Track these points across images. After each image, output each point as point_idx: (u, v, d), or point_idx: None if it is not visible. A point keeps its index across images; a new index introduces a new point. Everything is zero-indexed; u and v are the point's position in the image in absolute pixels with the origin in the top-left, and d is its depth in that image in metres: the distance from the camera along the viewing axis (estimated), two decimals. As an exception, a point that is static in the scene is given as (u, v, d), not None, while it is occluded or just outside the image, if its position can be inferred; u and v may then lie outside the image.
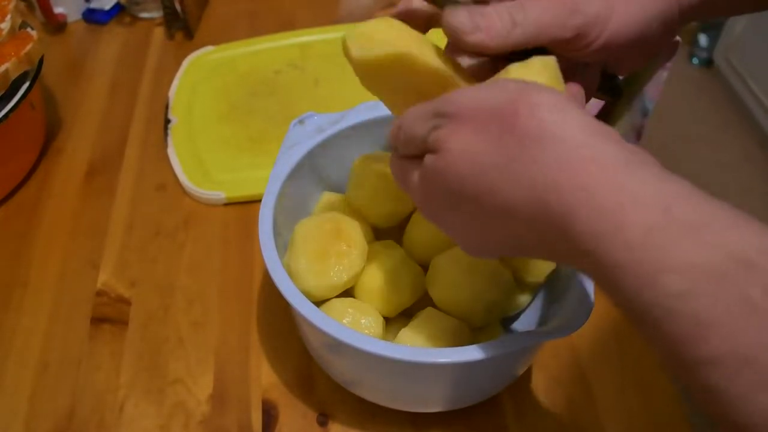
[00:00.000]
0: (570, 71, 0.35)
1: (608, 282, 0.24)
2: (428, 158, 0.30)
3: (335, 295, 0.43)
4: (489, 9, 0.32)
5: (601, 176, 0.24)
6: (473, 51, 0.33)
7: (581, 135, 0.25)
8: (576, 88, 0.35)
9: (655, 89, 0.83)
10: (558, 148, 0.25)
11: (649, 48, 0.36)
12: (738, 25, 1.77)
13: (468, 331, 0.42)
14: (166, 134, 0.66)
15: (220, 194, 0.59)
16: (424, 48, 0.34)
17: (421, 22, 0.37)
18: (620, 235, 0.23)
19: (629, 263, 0.23)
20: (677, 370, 0.22)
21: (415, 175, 0.31)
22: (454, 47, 0.35)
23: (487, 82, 0.30)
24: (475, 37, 0.32)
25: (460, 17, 0.32)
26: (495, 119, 0.27)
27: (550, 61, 0.32)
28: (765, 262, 0.21)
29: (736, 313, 0.20)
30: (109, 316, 0.52)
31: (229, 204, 0.60)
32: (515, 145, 0.26)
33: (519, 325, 0.48)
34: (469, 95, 0.29)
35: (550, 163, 0.25)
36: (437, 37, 0.35)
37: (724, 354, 0.20)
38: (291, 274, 0.40)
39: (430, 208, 0.32)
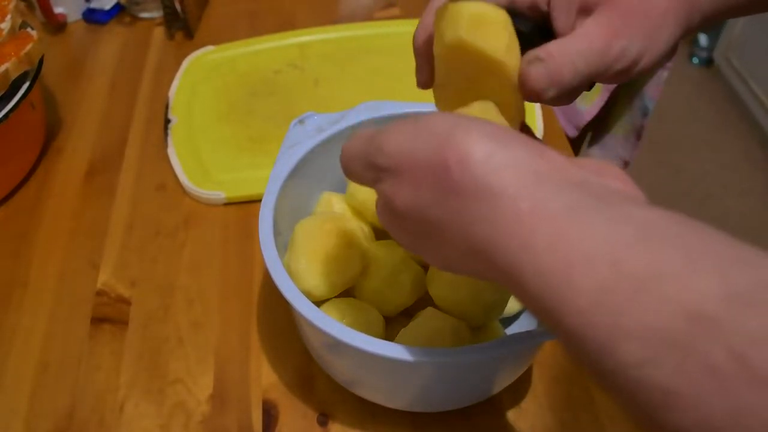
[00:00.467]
0: None
1: (569, 342, 0.22)
2: (379, 201, 0.30)
3: (335, 294, 0.43)
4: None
5: (542, 231, 0.22)
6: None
7: (517, 184, 0.24)
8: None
9: (655, 89, 0.83)
10: (495, 203, 0.24)
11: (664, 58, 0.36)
12: (738, 25, 1.77)
13: (468, 331, 0.42)
14: (166, 134, 0.66)
15: (220, 194, 0.59)
16: (513, 57, 0.32)
17: None
18: (570, 300, 0.21)
19: (584, 329, 0.21)
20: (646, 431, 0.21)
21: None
22: None
23: (420, 120, 0.28)
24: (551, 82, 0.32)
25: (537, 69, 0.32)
26: (429, 173, 0.26)
27: (490, 104, 0.33)
28: (726, 315, 0.19)
29: (700, 382, 0.18)
30: (109, 316, 0.52)
31: (229, 204, 0.60)
32: (454, 199, 0.25)
33: (519, 325, 0.48)
34: (399, 145, 0.28)
35: (489, 222, 0.24)
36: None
37: (695, 425, 0.19)
38: (291, 274, 0.40)
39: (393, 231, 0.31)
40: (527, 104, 0.35)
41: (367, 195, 0.46)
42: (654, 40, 0.33)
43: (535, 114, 0.66)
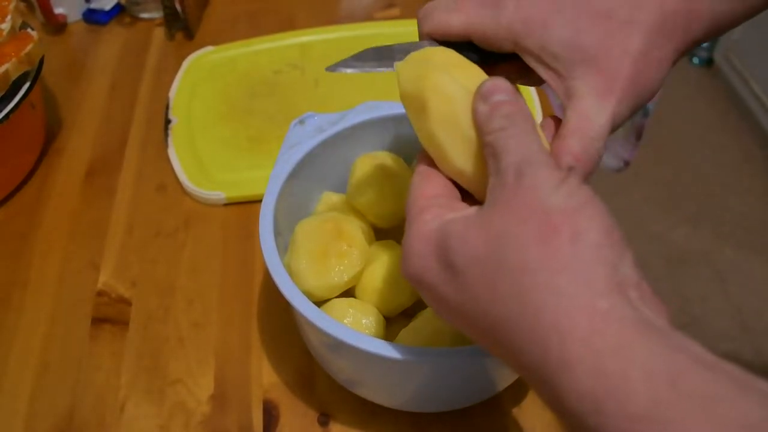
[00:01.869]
0: None
1: None
2: (431, 213, 0.30)
3: (336, 295, 0.43)
4: None
5: (610, 336, 0.23)
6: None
7: (605, 284, 0.24)
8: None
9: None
10: (579, 284, 0.24)
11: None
12: (738, 26, 1.77)
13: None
14: (166, 134, 0.66)
15: (220, 194, 0.59)
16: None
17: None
18: (623, 405, 0.21)
19: None
20: None
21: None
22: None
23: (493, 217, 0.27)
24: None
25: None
26: (534, 222, 0.25)
27: None
28: None
29: None
30: (109, 316, 0.52)
31: (230, 204, 0.60)
32: (538, 257, 0.25)
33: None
34: (473, 249, 0.27)
35: (564, 295, 0.24)
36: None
37: None
38: (291, 274, 0.40)
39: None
40: (528, 103, 0.36)
41: (367, 195, 0.46)
42: (650, 91, 0.33)
43: (535, 114, 0.66)
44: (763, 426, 0.20)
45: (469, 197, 0.33)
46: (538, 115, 0.66)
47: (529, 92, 0.66)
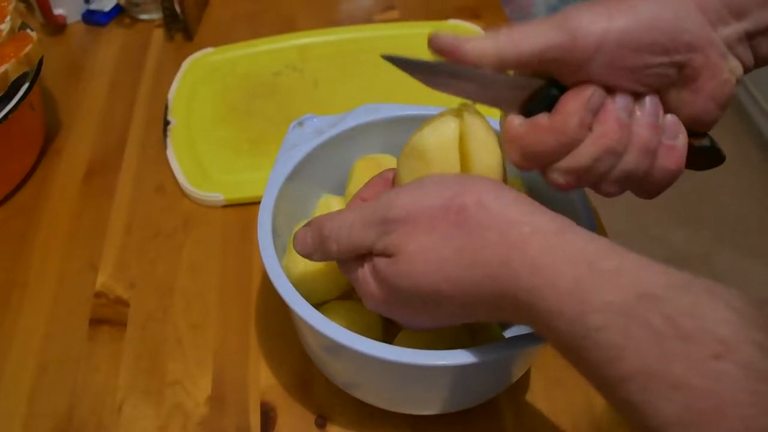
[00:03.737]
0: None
1: (544, 326, 0.29)
2: (381, 262, 0.33)
3: (334, 297, 0.43)
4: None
5: (540, 244, 0.29)
6: (459, 61, 0.33)
7: (520, 215, 0.30)
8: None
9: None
10: (506, 230, 0.30)
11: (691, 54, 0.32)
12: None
13: (467, 334, 0.42)
14: (165, 136, 0.66)
15: (219, 196, 0.59)
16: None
17: None
18: (554, 286, 0.28)
19: (561, 308, 0.27)
20: (602, 389, 0.27)
21: (365, 274, 0.34)
22: None
23: (426, 178, 0.34)
24: (456, 48, 0.32)
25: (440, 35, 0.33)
26: (443, 216, 0.31)
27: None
28: (666, 295, 0.25)
29: (642, 337, 0.25)
30: (107, 317, 0.52)
31: (228, 206, 0.60)
32: (464, 235, 0.30)
33: (518, 328, 0.48)
34: (411, 198, 0.32)
35: (502, 244, 0.29)
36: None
37: (635, 371, 0.25)
38: (290, 276, 0.40)
39: (383, 305, 0.35)
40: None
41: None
42: (620, 8, 0.33)
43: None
44: (662, 293, 0.25)
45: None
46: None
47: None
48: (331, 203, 0.49)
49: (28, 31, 0.61)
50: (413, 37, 0.74)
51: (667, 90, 0.33)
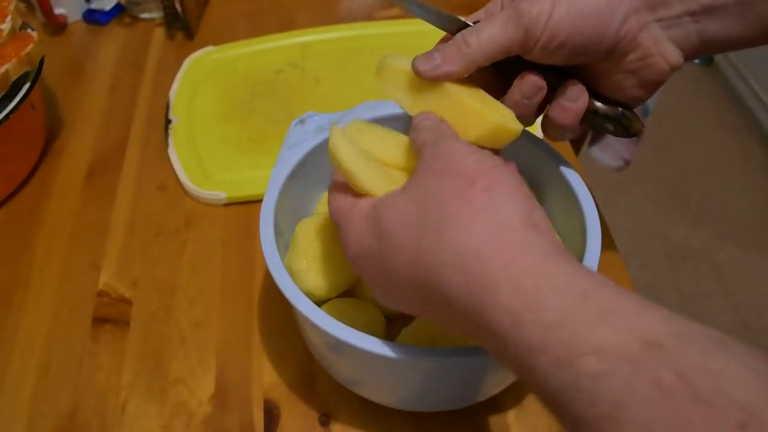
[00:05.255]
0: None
1: (518, 361, 0.24)
2: (365, 200, 0.33)
3: (336, 294, 0.43)
4: (444, 42, 0.38)
5: (525, 261, 0.26)
6: (448, 80, 0.36)
7: (518, 222, 0.27)
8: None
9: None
10: (495, 225, 0.27)
11: (625, 45, 0.37)
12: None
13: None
14: (166, 134, 0.66)
15: (220, 194, 0.60)
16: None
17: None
18: (538, 315, 0.24)
19: (546, 343, 0.23)
20: None
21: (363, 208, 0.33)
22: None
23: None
24: (440, 71, 0.36)
25: (417, 63, 0.36)
26: (452, 178, 0.29)
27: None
28: (672, 345, 0.21)
29: (650, 395, 0.21)
30: (110, 316, 0.52)
31: (230, 204, 0.60)
32: (457, 206, 0.28)
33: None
34: (461, 150, 0.31)
35: (483, 235, 0.27)
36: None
37: None
38: (292, 274, 0.40)
39: (352, 250, 0.33)
40: None
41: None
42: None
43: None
44: (667, 342, 0.22)
45: None
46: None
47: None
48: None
49: (29, 30, 0.61)
50: (414, 35, 0.74)
51: (598, 66, 0.38)
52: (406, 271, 0.29)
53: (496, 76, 0.40)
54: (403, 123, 0.48)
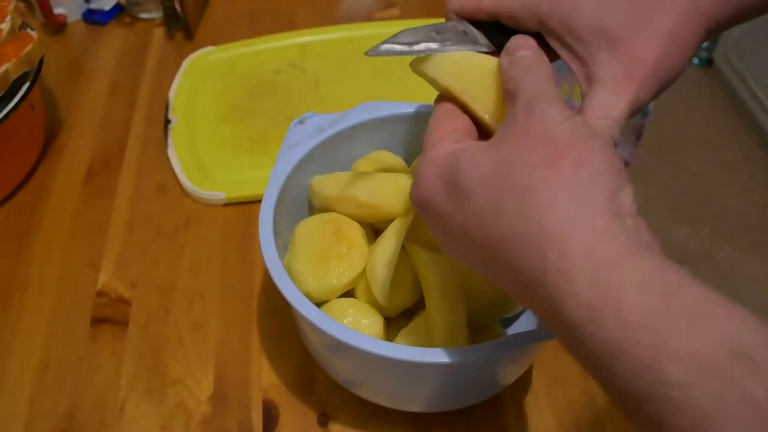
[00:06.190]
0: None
1: (593, 359, 0.23)
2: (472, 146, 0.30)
3: (336, 296, 0.43)
4: None
5: (608, 251, 0.24)
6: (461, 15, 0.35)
7: (604, 207, 0.25)
8: None
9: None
10: (578, 204, 0.25)
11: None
12: (738, 26, 1.77)
13: (468, 332, 0.42)
14: (166, 134, 0.66)
15: (220, 195, 0.59)
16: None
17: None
18: (619, 314, 0.22)
19: (625, 344, 0.22)
20: None
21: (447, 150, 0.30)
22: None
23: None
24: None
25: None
26: (540, 147, 0.26)
27: None
28: (763, 357, 0.20)
29: (737, 410, 0.19)
30: (109, 316, 0.52)
31: (230, 204, 0.60)
32: (543, 176, 0.26)
33: (519, 325, 0.48)
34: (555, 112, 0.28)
35: (566, 214, 0.25)
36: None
37: None
38: (291, 275, 0.40)
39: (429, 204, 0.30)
40: None
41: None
42: (675, 73, 0.33)
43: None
44: (759, 353, 0.20)
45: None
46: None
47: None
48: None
49: (29, 30, 0.61)
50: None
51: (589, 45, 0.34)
52: (475, 233, 0.28)
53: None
54: (403, 123, 0.48)
